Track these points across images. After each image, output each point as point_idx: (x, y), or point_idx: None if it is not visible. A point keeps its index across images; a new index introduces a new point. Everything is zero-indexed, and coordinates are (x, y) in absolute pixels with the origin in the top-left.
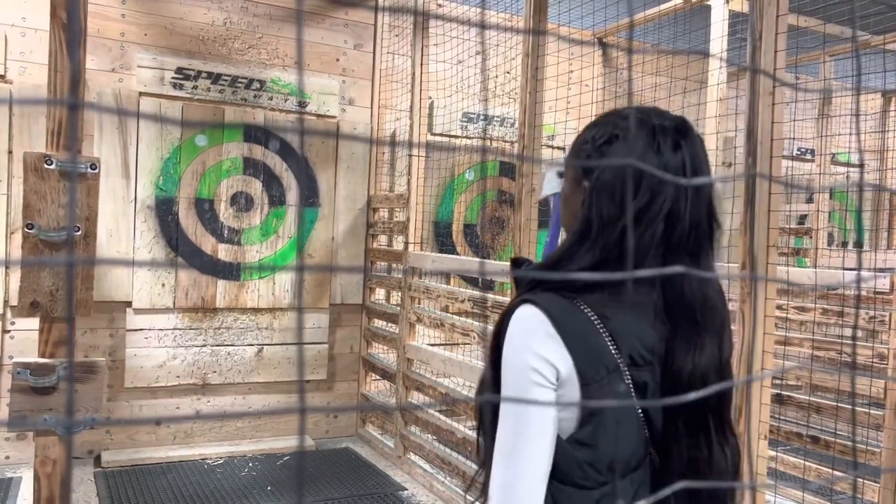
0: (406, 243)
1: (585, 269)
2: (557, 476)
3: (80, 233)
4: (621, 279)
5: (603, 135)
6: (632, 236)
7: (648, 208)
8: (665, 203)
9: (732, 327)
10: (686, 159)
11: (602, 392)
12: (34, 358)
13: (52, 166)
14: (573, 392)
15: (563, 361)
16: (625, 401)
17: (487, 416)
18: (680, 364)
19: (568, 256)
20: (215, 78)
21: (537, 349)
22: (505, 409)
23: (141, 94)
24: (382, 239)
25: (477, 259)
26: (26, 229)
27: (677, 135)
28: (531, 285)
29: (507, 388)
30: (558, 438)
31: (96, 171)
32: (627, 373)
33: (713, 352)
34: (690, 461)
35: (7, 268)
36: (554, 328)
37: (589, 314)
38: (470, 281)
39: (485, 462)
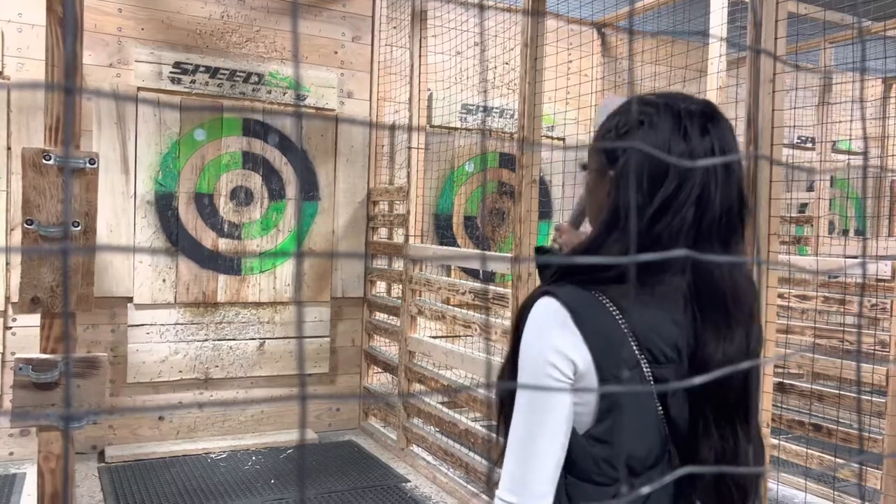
0: (406, 236)
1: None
2: (573, 471)
3: (79, 228)
4: (626, 263)
5: (627, 122)
6: (634, 225)
7: (677, 194)
8: (694, 189)
9: None
10: (714, 144)
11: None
12: (36, 354)
13: (51, 162)
14: (591, 386)
15: (581, 355)
16: (636, 387)
17: (505, 408)
18: (710, 353)
19: (596, 247)
20: (213, 72)
21: (554, 342)
22: (519, 402)
23: (139, 88)
24: (383, 232)
25: (477, 251)
26: (26, 225)
27: (704, 119)
28: (555, 276)
29: (523, 380)
30: (575, 433)
31: (95, 165)
32: (648, 369)
33: (742, 341)
34: (718, 453)
35: (8, 264)
36: (573, 321)
37: (610, 308)
38: (471, 273)
39: (501, 454)
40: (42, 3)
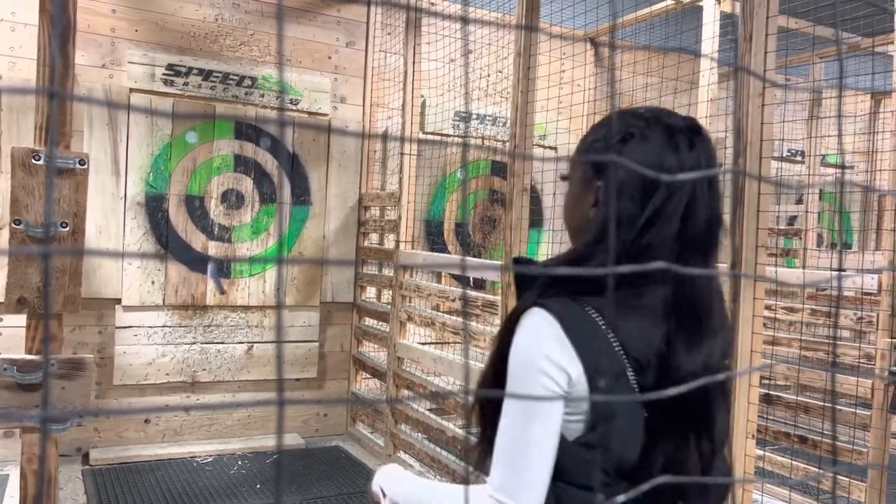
0: (397, 242)
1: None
2: (562, 476)
3: (67, 229)
4: (603, 274)
5: (617, 133)
6: (611, 236)
7: (666, 206)
8: (682, 201)
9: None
10: (701, 158)
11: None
12: (21, 355)
13: (40, 161)
14: (582, 396)
15: (574, 366)
16: (622, 396)
17: (489, 413)
18: (679, 361)
19: (583, 259)
20: (206, 75)
21: (548, 352)
22: (510, 409)
23: (131, 90)
24: (374, 237)
25: (461, 257)
26: (14, 225)
27: (691, 133)
28: (541, 289)
29: (511, 388)
30: (564, 440)
31: (85, 166)
32: (634, 378)
33: (711, 352)
34: (665, 462)
35: None
36: (564, 333)
37: (597, 319)
38: (461, 279)
39: (482, 448)
40: (35, 2)
